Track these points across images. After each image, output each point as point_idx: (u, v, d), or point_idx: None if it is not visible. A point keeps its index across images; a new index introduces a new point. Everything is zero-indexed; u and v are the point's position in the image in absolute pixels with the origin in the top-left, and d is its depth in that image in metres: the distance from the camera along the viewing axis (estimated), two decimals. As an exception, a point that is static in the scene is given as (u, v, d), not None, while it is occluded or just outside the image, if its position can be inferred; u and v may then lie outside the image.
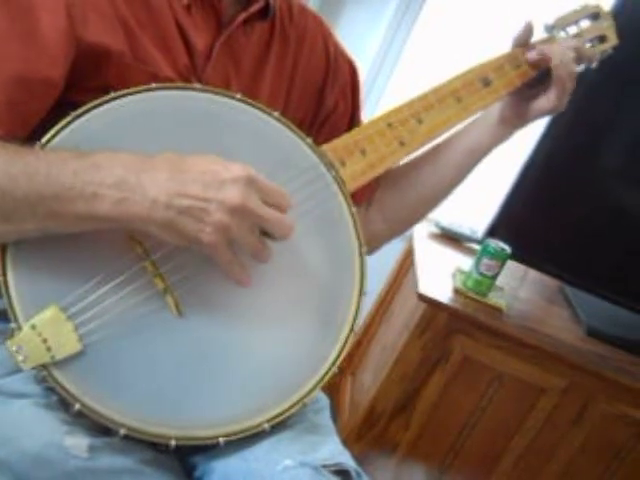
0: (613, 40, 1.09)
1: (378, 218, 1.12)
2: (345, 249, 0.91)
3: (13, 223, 0.75)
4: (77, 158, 0.75)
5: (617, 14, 1.28)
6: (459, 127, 1.07)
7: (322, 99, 1.08)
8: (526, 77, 1.04)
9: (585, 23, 1.09)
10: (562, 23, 1.07)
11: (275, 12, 1.02)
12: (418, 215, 1.15)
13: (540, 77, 1.04)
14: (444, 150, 1.09)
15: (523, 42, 1.05)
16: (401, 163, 1.10)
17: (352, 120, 1.11)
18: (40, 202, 0.73)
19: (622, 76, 1.57)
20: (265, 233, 0.79)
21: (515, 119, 1.06)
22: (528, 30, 1.05)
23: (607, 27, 1.09)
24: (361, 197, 1.07)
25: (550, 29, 1.06)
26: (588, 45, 1.08)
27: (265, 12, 1.00)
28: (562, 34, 1.07)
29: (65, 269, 0.78)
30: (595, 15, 1.09)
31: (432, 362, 1.63)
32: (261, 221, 0.77)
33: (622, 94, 1.63)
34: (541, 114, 1.05)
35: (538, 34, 1.07)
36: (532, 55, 1.03)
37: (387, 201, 1.12)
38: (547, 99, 1.02)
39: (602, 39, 1.09)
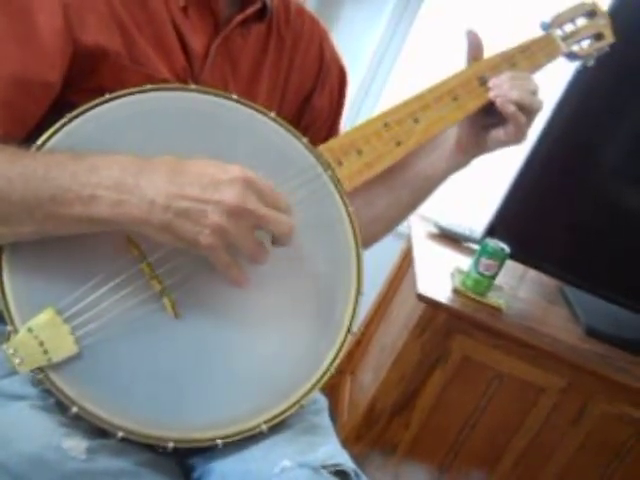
0: (609, 38, 1.09)
1: None
2: (342, 249, 0.91)
3: (10, 225, 0.74)
4: (75, 160, 0.75)
5: (617, 12, 1.28)
6: (415, 151, 1.04)
7: (309, 104, 1.08)
8: None
9: (581, 21, 1.08)
10: (558, 21, 1.07)
11: (272, 14, 1.02)
12: (375, 233, 1.11)
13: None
14: (399, 174, 1.07)
15: (477, 54, 1.03)
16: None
17: (331, 128, 1.11)
18: (37, 204, 0.73)
19: (621, 74, 1.57)
20: (271, 239, 0.79)
21: (472, 148, 1.03)
22: (474, 40, 1.02)
23: (603, 25, 1.09)
24: None
25: (547, 27, 1.06)
26: (585, 42, 1.08)
27: (262, 14, 1.00)
28: (558, 32, 1.07)
29: (61, 271, 0.78)
30: (591, 13, 1.09)
31: (431, 362, 1.63)
32: (260, 221, 0.76)
33: (621, 93, 1.63)
34: (499, 146, 1.02)
35: (535, 32, 1.06)
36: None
37: None
38: (505, 132, 0.99)
39: (598, 37, 1.09)
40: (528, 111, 0.98)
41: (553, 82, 1.01)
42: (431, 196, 1.09)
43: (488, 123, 1.02)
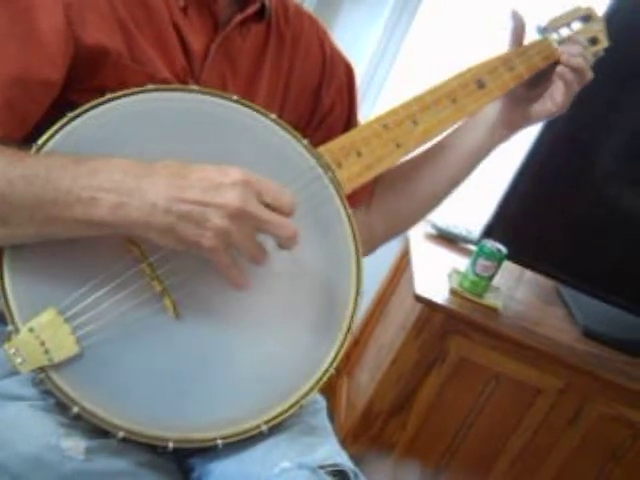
0: (604, 42, 1.10)
1: (378, 220, 1.12)
2: (342, 251, 0.91)
3: (10, 227, 0.74)
4: (76, 163, 0.75)
5: (614, 13, 1.29)
6: (457, 127, 1.08)
7: (318, 101, 1.07)
8: (520, 80, 1.04)
9: (577, 25, 1.09)
10: (554, 25, 1.07)
11: (271, 14, 1.02)
12: (417, 216, 1.15)
13: (542, 78, 1.04)
14: (444, 152, 1.09)
15: (520, 35, 1.05)
16: (401, 164, 1.10)
17: (348, 122, 1.11)
18: (38, 207, 0.73)
19: (619, 75, 1.57)
20: (272, 239, 0.78)
21: (517, 121, 1.06)
22: (519, 21, 1.05)
23: (598, 29, 1.09)
24: (359, 200, 1.07)
25: (542, 31, 1.07)
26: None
27: (261, 14, 1.00)
28: (554, 36, 1.07)
29: (63, 272, 0.78)
30: (587, 17, 1.09)
31: (428, 363, 1.63)
32: (261, 224, 0.76)
33: (619, 94, 1.63)
34: (545, 116, 1.05)
35: (530, 36, 1.07)
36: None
37: (387, 203, 1.12)
38: (552, 101, 1.03)
39: (594, 41, 1.09)
40: (581, 79, 1.02)
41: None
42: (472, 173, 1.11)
43: (531, 96, 1.05)
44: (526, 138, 1.61)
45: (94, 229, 0.75)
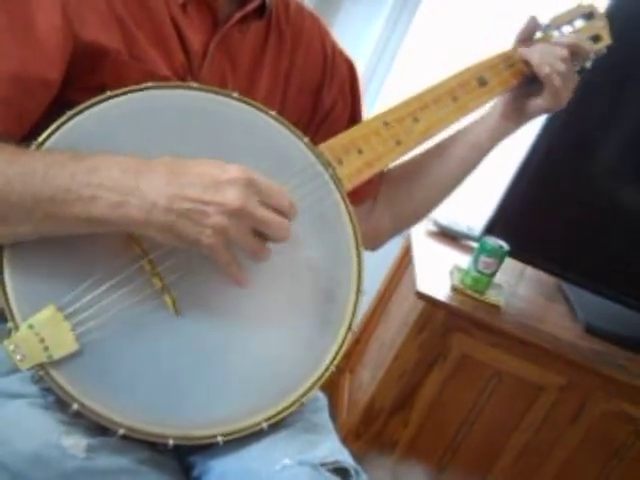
0: (607, 39, 1.10)
1: (384, 214, 1.12)
2: (342, 248, 0.91)
3: (9, 225, 0.74)
4: (74, 160, 0.75)
5: (614, 11, 1.28)
6: (460, 124, 1.08)
7: (319, 99, 1.07)
8: (521, 75, 1.05)
9: (579, 23, 1.09)
10: (556, 23, 1.08)
11: (271, 11, 1.02)
12: (423, 211, 1.16)
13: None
14: (450, 145, 1.10)
15: (527, 37, 1.06)
16: (408, 160, 1.10)
17: (352, 119, 1.11)
18: (36, 205, 0.73)
19: (620, 72, 1.57)
20: (261, 234, 0.78)
21: (515, 116, 1.07)
22: (532, 25, 1.06)
23: (601, 27, 1.09)
24: (367, 194, 1.08)
25: (544, 29, 1.07)
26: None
27: (261, 11, 1.00)
28: (556, 33, 1.07)
29: (63, 268, 0.78)
30: (589, 15, 1.09)
31: (430, 360, 1.63)
32: (258, 223, 0.76)
33: (620, 91, 1.63)
34: (539, 112, 1.05)
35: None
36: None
37: (393, 197, 1.13)
38: (543, 97, 1.03)
39: (596, 39, 1.09)
40: (562, 75, 1.01)
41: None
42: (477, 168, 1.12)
43: (529, 91, 1.05)
44: (527, 135, 1.61)
45: (94, 226, 0.75)
